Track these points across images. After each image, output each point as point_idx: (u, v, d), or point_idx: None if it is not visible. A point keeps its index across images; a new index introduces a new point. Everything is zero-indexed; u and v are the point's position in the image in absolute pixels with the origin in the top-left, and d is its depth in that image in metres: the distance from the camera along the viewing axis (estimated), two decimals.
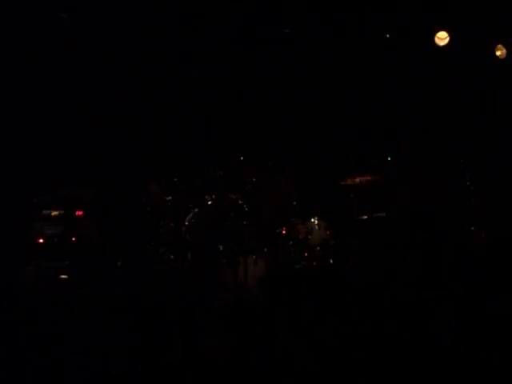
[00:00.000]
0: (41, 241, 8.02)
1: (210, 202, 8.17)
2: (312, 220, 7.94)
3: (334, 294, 5.20)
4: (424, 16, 8.90)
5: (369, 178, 7.87)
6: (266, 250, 8.03)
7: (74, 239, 8.06)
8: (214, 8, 8.98)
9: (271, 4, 9.00)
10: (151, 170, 8.62)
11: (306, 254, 7.90)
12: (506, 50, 8.92)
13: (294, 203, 8.16)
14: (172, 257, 8.24)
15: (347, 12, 9.01)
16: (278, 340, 3.66)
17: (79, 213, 7.81)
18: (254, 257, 7.54)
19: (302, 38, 9.63)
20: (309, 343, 3.50)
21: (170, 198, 8.25)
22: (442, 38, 8.63)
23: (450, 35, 8.62)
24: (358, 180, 7.74)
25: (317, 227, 7.94)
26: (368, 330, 3.39)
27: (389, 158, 7.78)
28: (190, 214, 8.29)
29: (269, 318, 4.51)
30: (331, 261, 7.96)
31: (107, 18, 8.50)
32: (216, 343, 4.69)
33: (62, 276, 7.68)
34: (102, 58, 8.45)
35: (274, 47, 9.73)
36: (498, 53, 8.23)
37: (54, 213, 8.15)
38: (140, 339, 3.12)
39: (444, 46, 8.68)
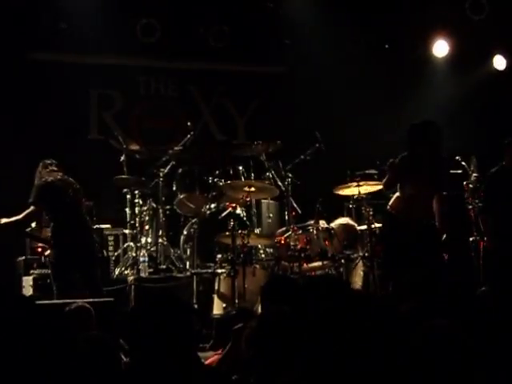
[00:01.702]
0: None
1: (208, 212, 8.19)
2: (311, 230, 7.91)
3: (333, 304, 5.15)
4: None
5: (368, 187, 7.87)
6: (264, 259, 8.03)
7: None
8: None
9: None
10: None
11: (305, 264, 7.87)
12: None
13: (293, 213, 8.17)
14: (173, 268, 8.24)
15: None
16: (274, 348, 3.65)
17: None
18: (252, 266, 7.52)
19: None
20: (306, 353, 3.48)
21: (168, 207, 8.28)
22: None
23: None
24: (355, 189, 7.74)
25: (315, 237, 7.90)
26: (367, 340, 3.37)
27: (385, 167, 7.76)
28: (189, 224, 8.30)
29: (267, 326, 4.48)
30: (330, 271, 7.95)
31: None
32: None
33: None
34: None
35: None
36: None
37: None
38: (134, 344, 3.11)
39: None
